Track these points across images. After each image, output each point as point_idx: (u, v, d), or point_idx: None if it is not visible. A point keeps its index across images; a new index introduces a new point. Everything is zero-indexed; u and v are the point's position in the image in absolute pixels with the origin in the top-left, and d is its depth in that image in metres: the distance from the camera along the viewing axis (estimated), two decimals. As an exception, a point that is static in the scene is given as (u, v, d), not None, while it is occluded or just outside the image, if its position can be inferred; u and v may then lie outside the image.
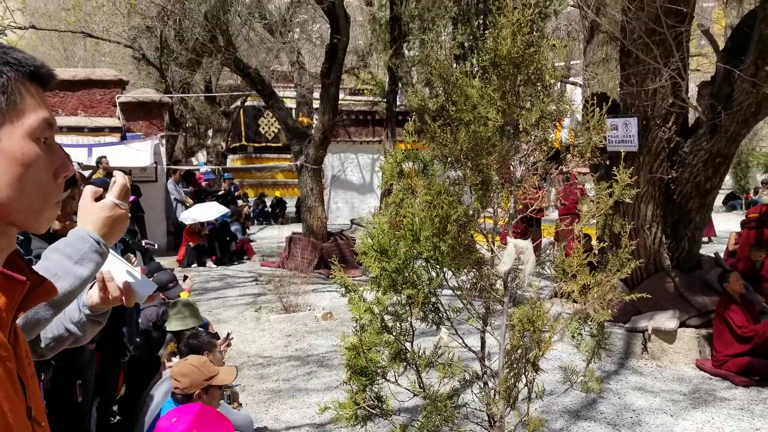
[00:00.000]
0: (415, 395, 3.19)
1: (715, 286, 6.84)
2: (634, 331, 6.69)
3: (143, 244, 8.13)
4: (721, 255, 8.64)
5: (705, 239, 13.13)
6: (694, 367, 6.29)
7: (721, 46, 6.97)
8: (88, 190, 1.55)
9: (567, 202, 13.99)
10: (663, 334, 6.49)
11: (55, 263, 1.47)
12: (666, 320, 6.49)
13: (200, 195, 15.43)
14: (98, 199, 1.56)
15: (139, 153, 12.59)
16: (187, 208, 13.53)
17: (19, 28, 14.65)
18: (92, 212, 1.53)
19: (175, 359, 4.55)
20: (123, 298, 1.64)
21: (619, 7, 6.98)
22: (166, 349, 4.92)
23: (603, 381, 5.96)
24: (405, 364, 3.17)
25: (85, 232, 1.50)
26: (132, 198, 11.13)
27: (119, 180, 1.57)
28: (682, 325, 6.55)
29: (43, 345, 1.64)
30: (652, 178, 6.72)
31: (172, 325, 4.89)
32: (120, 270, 1.65)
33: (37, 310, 1.43)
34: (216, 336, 5.21)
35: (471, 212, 3.04)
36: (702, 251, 7.71)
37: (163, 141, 14.14)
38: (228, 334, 5.17)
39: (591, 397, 5.50)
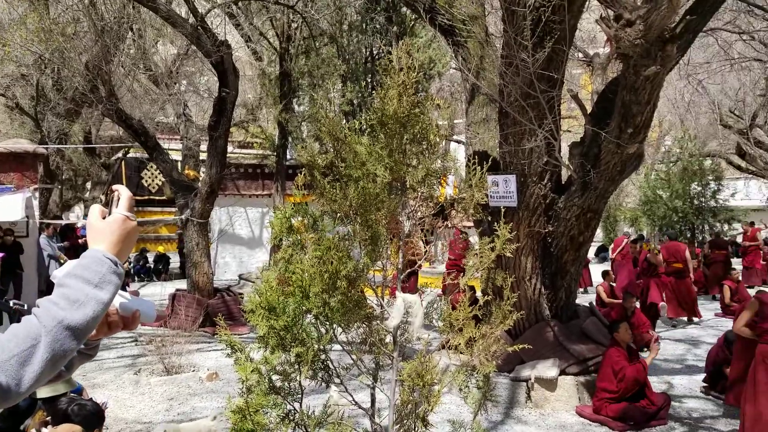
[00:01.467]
0: (304, 457, 3.09)
1: (591, 335, 7.23)
2: (518, 380, 6.90)
3: (11, 304, 7.47)
4: (595, 305, 9.17)
5: (581, 289, 13.92)
6: (574, 414, 6.54)
7: (589, 109, 7.56)
8: (95, 209, 1.50)
9: (453, 256, 14.42)
10: (545, 382, 6.74)
11: (75, 290, 1.35)
12: (547, 369, 6.75)
13: (77, 251, 14.51)
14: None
15: (9, 206, 11.73)
16: (61, 264, 12.64)
17: None
18: (104, 230, 1.47)
19: (46, 430, 4.15)
20: (124, 322, 1.55)
21: (496, 71, 7.44)
22: (33, 419, 4.48)
23: (490, 431, 6.07)
24: (294, 425, 3.08)
25: (101, 253, 1.42)
26: (1, 255, 10.35)
27: (124, 192, 1.53)
28: (562, 373, 6.83)
29: None
30: (531, 232, 7.08)
31: (42, 392, 4.47)
32: None
33: (62, 341, 1.30)
34: (98, 406, 4.82)
35: (361, 267, 3.05)
36: (578, 301, 8.14)
37: (36, 194, 13.25)
38: (104, 404, 4.79)
39: (479, 448, 5.56)
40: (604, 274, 11.51)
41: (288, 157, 17.72)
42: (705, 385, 7.41)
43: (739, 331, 5.80)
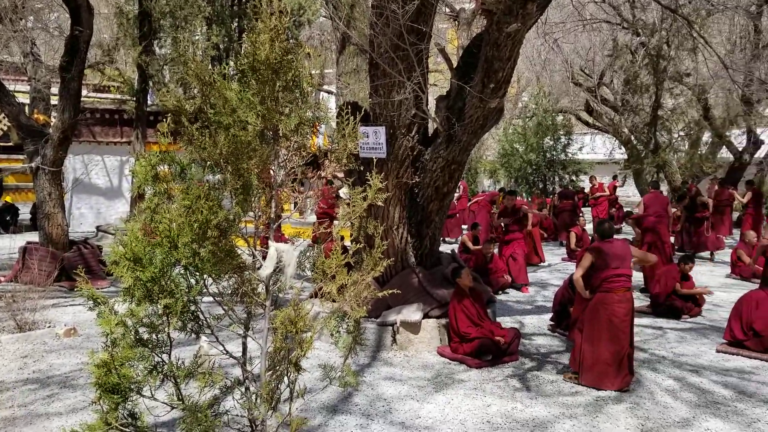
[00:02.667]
0: (173, 408, 3.06)
1: (452, 280, 7.62)
2: (385, 325, 7.17)
3: None
4: (457, 252, 9.65)
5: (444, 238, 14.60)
6: (435, 354, 6.94)
7: (455, 64, 7.77)
8: None
9: (324, 205, 14.47)
10: (409, 325, 7.06)
11: None
12: (412, 313, 7.07)
13: None
14: None
15: None
16: None
17: None
18: None
19: None
20: None
21: (367, 21, 7.43)
22: None
23: (358, 374, 6.29)
24: (162, 377, 3.03)
25: None
26: None
27: None
28: (426, 316, 7.19)
29: None
30: (399, 182, 7.27)
31: None
32: None
33: None
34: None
35: (232, 217, 3.01)
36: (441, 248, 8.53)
37: None
38: None
39: (347, 391, 5.77)
40: (473, 225, 12.11)
41: (149, 102, 16.72)
42: (552, 323, 8.11)
43: (576, 282, 6.32)
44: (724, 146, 18.50)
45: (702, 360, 6.72)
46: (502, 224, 11.89)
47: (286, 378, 3.04)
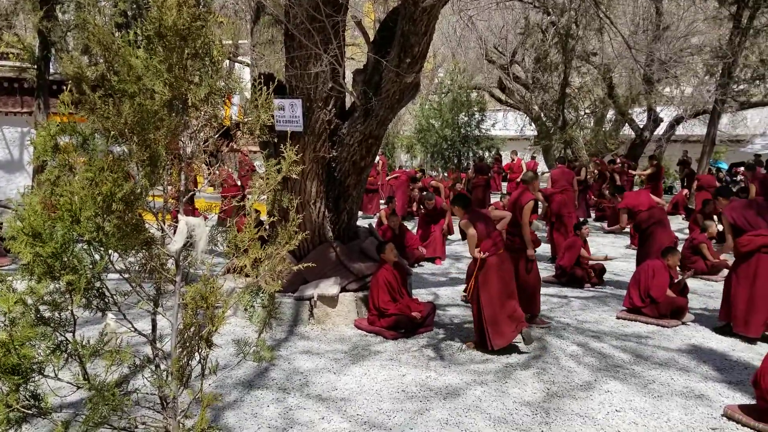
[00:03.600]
0: (79, 388, 2.94)
1: (369, 253, 7.69)
2: (302, 300, 7.16)
3: None
4: (374, 226, 9.72)
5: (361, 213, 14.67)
6: (353, 327, 7.01)
7: (371, 37, 7.75)
8: None
9: (231, 181, 14.18)
10: (326, 299, 7.08)
11: None
12: (329, 287, 7.09)
13: None
14: None
15: None
16: None
17: None
18: None
19: None
20: None
21: (282, -9, 7.26)
22: None
23: (274, 349, 6.27)
24: (67, 356, 2.91)
25: None
26: None
27: None
28: (343, 290, 7.22)
29: None
30: (316, 156, 7.21)
31: None
32: None
33: None
34: None
35: (138, 190, 2.89)
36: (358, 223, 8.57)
37: None
38: None
39: (263, 366, 5.74)
40: (389, 199, 12.21)
41: (51, 71, 15.72)
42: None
43: (471, 253, 6.47)
44: (627, 124, 19.44)
45: (603, 326, 7.11)
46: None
47: (197, 354, 2.99)
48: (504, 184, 21.72)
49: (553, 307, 7.97)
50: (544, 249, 11.63)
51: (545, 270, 10.19)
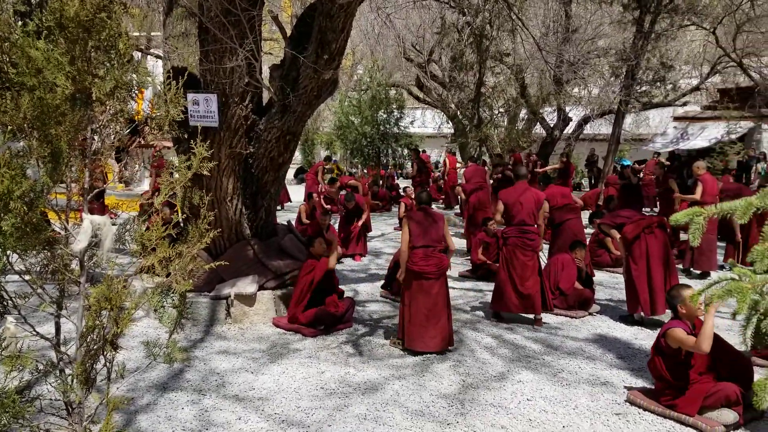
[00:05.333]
0: (-25, 397, 2.78)
1: (288, 251, 7.63)
2: (219, 299, 7.02)
3: None
4: (293, 223, 9.65)
5: (279, 207, 14.52)
6: (271, 326, 6.93)
7: (289, 32, 7.67)
8: None
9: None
10: (244, 298, 6.98)
11: None
12: (246, 285, 6.98)
13: None
14: None
15: None
16: None
17: None
18: None
19: None
20: None
21: (196, -17, 7.08)
22: None
23: (189, 350, 6.12)
24: (-40, 364, 2.74)
25: None
26: None
27: None
28: (261, 288, 7.14)
29: None
30: (233, 152, 7.08)
31: None
32: None
33: None
34: None
35: (39, 187, 2.76)
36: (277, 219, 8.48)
37: None
38: None
39: (178, 367, 5.60)
40: (309, 196, 12.13)
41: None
42: (383, 290, 8.43)
43: (401, 254, 6.52)
44: (539, 122, 20.15)
45: (517, 318, 7.36)
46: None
47: (102, 358, 2.88)
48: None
49: (469, 301, 8.18)
50: (460, 244, 11.91)
51: (461, 265, 10.44)
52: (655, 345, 4.89)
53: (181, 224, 3.00)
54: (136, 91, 3.04)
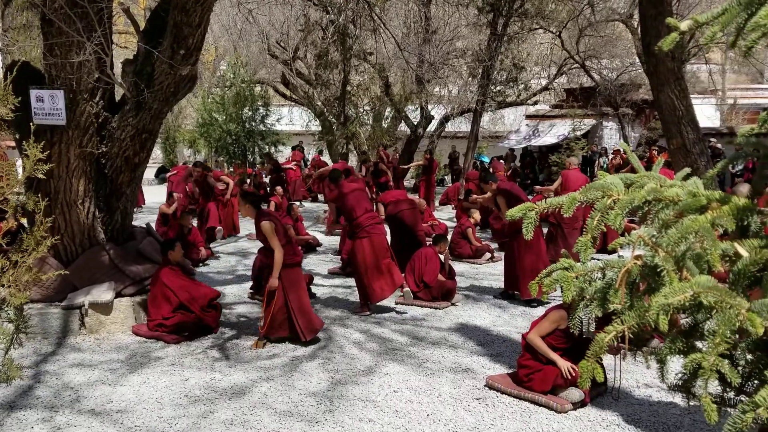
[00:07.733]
0: None
1: (147, 255, 7.30)
2: (71, 308, 6.57)
3: None
4: (153, 226, 9.23)
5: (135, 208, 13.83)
6: (131, 334, 6.60)
7: (142, 26, 7.32)
8: None
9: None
10: (100, 306, 6.58)
11: None
12: (102, 293, 6.60)
13: None
14: None
15: None
16: None
17: None
18: None
19: None
20: None
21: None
22: None
23: (39, 364, 5.70)
24: None
25: None
26: None
27: None
28: (119, 295, 6.77)
29: None
30: (83, 152, 6.65)
31: None
32: None
33: None
34: None
35: None
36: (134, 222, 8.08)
37: None
38: None
39: (26, 384, 5.20)
40: (169, 195, 11.65)
41: None
42: (251, 291, 8.30)
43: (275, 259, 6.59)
44: (403, 120, 20.67)
45: (384, 313, 7.53)
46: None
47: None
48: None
49: (337, 297, 8.25)
50: (331, 241, 11.98)
51: (331, 262, 10.51)
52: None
53: (20, 231, 2.77)
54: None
